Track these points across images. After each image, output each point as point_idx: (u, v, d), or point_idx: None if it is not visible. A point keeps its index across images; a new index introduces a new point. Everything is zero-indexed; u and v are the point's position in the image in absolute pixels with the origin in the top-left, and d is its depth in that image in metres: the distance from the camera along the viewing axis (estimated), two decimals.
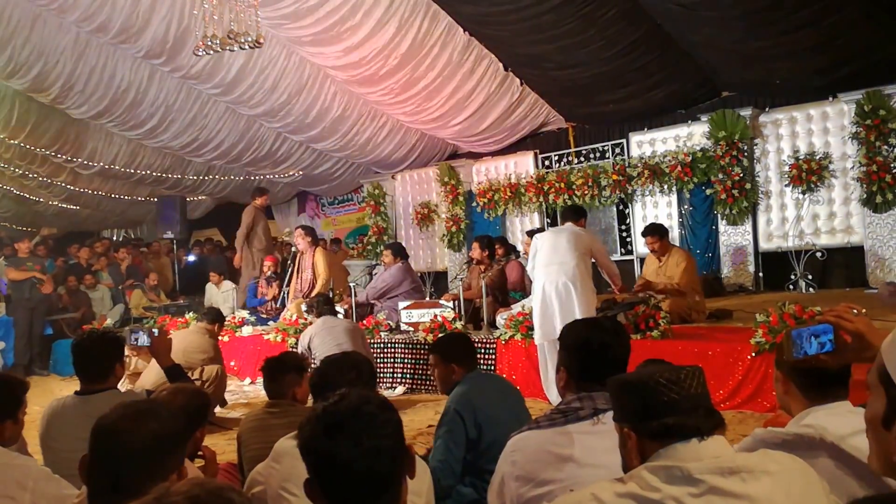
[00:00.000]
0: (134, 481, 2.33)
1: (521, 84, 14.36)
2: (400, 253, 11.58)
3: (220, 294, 15.34)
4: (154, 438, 2.40)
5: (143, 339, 4.97)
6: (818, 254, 12.02)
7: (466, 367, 4.84)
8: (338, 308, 10.63)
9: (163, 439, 2.43)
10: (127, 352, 9.49)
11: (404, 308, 10.48)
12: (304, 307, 11.48)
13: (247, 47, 9.09)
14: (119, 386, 4.72)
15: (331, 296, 11.89)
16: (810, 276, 11.97)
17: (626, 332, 3.39)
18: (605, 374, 2.71)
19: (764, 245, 12.66)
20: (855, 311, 2.35)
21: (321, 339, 8.84)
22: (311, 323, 10.01)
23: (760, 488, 2.14)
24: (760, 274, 12.69)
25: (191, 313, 12.41)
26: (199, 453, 3.94)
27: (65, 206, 19.06)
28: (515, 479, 3.00)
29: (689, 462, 2.17)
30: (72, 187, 17.81)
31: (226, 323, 11.61)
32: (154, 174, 17.28)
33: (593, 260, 8.39)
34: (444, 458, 4.47)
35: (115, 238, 23.68)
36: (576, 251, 8.05)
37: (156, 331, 5.05)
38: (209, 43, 8.87)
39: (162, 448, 2.42)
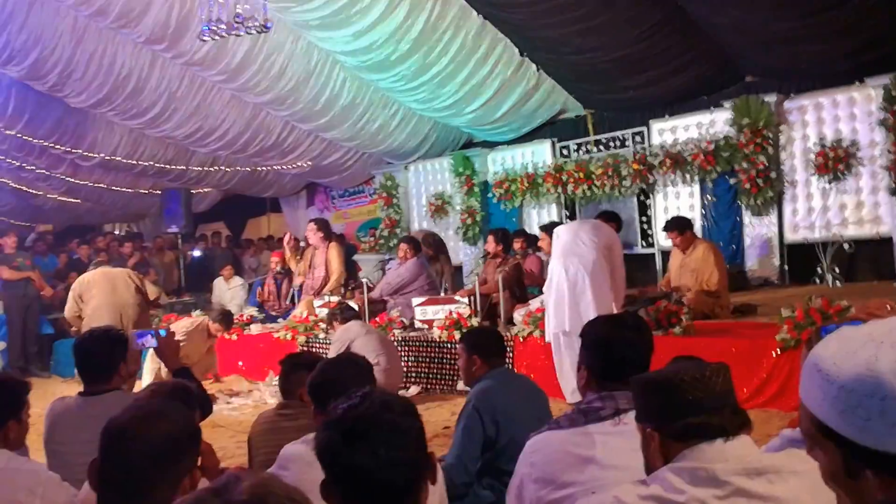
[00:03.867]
0: (146, 485, 2.36)
1: (538, 70, 14.27)
2: (417, 247, 11.59)
3: (228, 291, 15.35)
4: (167, 441, 2.42)
5: (150, 342, 4.98)
6: (845, 245, 11.94)
7: (490, 361, 4.88)
8: (351, 304, 10.65)
9: (175, 442, 2.45)
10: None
11: (418, 305, 10.48)
12: (316, 302, 11.50)
13: (254, 32, 9.10)
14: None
15: (344, 292, 11.91)
16: (837, 269, 11.89)
17: (649, 330, 3.41)
18: (628, 373, 2.75)
19: (790, 236, 12.60)
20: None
21: (365, 341, 8.90)
22: (330, 324, 10.08)
23: (787, 489, 2.16)
24: (786, 267, 12.64)
25: (197, 311, 12.42)
26: None
27: (65, 199, 19.09)
28: (535, 481, 3.01)
29: (715, 463, 2.19)
30: (71, 180, 17.83)
31: (234, 321, 11.66)
32: (157, 165, 17.29)
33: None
34: (459, 454, 4.53)
35: (118, 232, 23.71)
36: (596, 245, 8.04)
37: (163, 332, 5.06)
38: (214, 27, 8.88)
39: (175, 451, 2.43)
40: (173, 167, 17.63)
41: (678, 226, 9.93)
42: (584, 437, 3.01)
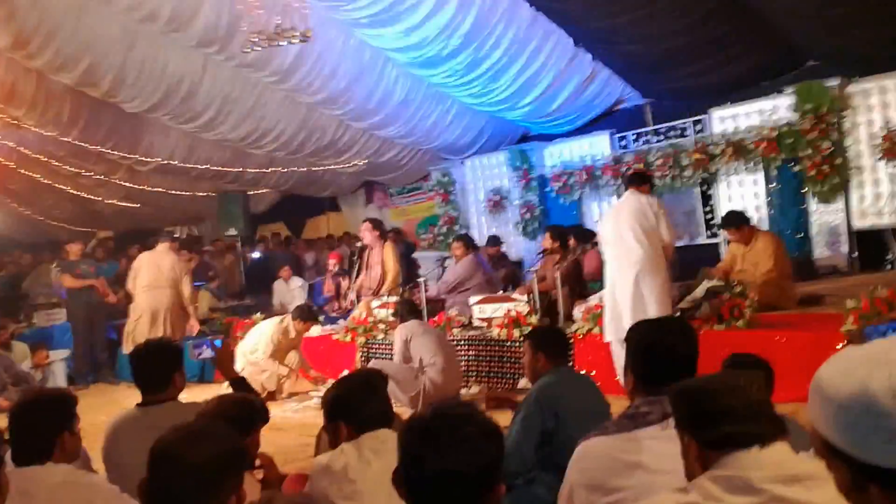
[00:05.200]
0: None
1: (593, 60, 14.24)
2: (472, 244, 11.63)
3: (288, 292, 15.47)
4: (212, 461, 2.51)
5: (207, 352, 5.14)
6: None
7: (553, 358, 5.02)
8: None
9: (220, 462, 2.54)
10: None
11: (475, 303, 10.53)
12: (375, 303, 11.57)
13: (296, 42, 9.17)
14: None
15: (402, 291, 11.98)
16: None
17: (693, 331, 3.44)
18: (674, 376, 2.78)
19: (858, 223, 12.44)
20: None
21: (423, 341, 9.07)
22: (391, 324, 10.23)
23: (825, 495, 2.18)
24: (855, 254, 12.48)
25: (258, 314, 12.56)
26: (257, 463, 4.04)
27: (124, 204, 19.31)
28: (584, 487, 3.07)
29: (751, 471, 2.23)
30: (129, 185, 18.05)
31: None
32: (214, 168, 17.44)
33: None
34: (517, 441, 4.62)
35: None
36: (640, 233, 7.95)
37: (219, 342, 5.20)
38: (255, 39, 8.95)
39: (219, 471, 2.53)
40: (230, 169, 17.77)
41: (732, 222, 9.91)
42: (631, 442, 3.06)
